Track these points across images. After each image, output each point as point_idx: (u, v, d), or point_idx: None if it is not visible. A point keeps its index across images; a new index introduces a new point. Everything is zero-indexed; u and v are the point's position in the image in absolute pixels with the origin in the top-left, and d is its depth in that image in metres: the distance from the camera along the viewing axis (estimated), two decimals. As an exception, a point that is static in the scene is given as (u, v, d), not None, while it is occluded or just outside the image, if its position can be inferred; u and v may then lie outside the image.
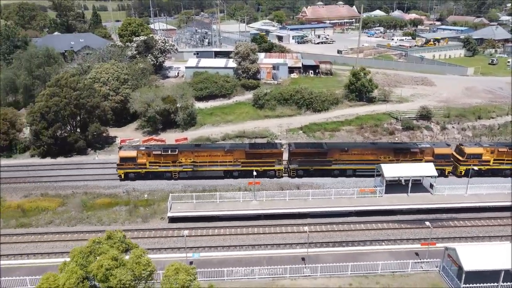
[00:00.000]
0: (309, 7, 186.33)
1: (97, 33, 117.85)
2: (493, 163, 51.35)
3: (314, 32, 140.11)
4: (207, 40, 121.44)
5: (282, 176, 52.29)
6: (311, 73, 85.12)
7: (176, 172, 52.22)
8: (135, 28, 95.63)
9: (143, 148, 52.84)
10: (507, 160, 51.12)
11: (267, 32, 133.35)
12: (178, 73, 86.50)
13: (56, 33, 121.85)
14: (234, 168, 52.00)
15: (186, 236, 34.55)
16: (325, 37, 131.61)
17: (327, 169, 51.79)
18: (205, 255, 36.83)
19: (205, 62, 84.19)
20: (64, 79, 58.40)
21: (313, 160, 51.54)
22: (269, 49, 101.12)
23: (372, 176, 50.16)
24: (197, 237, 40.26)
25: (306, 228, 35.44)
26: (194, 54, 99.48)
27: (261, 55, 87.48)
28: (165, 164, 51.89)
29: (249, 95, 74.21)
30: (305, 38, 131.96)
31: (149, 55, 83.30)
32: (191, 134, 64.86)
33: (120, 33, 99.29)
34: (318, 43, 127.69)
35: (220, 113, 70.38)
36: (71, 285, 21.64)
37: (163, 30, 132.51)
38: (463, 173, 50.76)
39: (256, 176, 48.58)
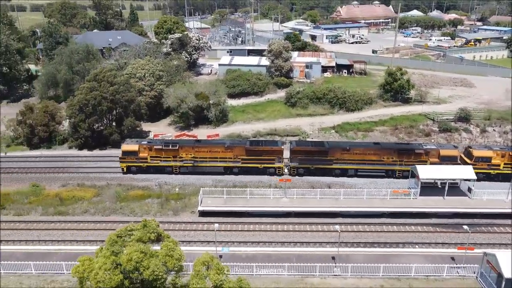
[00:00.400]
0: (343, 6, 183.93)
1: (134, 30, 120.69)
2: (504, 167, 49.14)
3: (348, 32, 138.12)
4: (240, 39, 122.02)
5: (282, 174, 51.56)
6: (345, 72, 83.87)
7: (177, 167, 52.72)
8: (170, 25, 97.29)
9: (145, 142, 53.73)
10: None
11: (301, 31, 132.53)
12: (211, 70, 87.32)
13: (95, 30, 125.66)
14: (234, 164, 51.89)
15: (216, 229, 34.75)
16: (359, 36, 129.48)
17: (328, 168, 50.93)
18: (234, 249, 36.86)
19: (238, 60, 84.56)
20: (102, 74, 60.00)
21: (314, 159, 50.82)
22: (303, 48, 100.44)
23: (375, 177, 50.08)
24: (226, 232, 40.39)
25: (337, 227, 34.85)
26: (228, 52, 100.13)
27: (294, 54, 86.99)
28: (166, 158, 52.44)
29: (281, 93, 73.93)
30: (339, 37, 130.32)
31: (183, 52, 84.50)
32: (223, 131, 65.25)
33: (156, 31, 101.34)
34: (352, 43, 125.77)
35: (252, 111, 70.46)
36: (106, 270, 22.10)
37: (197, 28, 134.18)
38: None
39: (256, 174, 50.83)
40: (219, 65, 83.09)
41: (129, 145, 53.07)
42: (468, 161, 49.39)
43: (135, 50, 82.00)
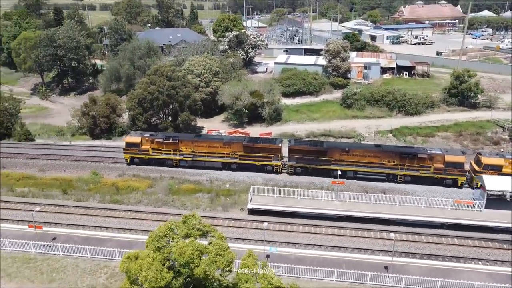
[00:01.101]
0: (407, 6, 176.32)
1: (193, 28, 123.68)
2: None
3: (411, 33, 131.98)
4: (297, 38, 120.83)
5: (280, 172, 51.15)
6: (406, 74, 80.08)
7: (177, 160, 53.32)
8: (228, 23, 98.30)
9: (148, 135, 54.46)
10: None
11: (360, 31, 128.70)
12: (266, 68, 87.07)
13: (157, 28, 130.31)
14: (232, 160, 51.99)
15: (265, 228, 34.17)
16: (423, 37, 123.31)
17: (326, 169, 49.47)
18: (282, 250, 36.12)
19: (294, 59, 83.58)
20: (161, 70, 61.59)
21: (312, 159, 49.62)
22: (362, 48, 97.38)
23: (375, 180, 48.32)
24: (275, 232, 39.72)
25: (392, 235, 32.95)
26: (284, 51, 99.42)
27: (353, 54, 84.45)
28: (166, 151, 53.31)
29: (337, 94, 72.04)
30: (400, 38, 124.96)
31: (240, 50, 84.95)
32: (276, 130, 64.70)
33: (214, 29, 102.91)
34: (414, 44, 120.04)
35: (306, 111, 69.26)
36: (156, 269, 22.08)
37: (254, 27, 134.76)
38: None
39: (254, 171, 50.97)
40: (275, 63, 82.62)
41: (132, 137, 54.22)
42: (476, 168, 46.32)
43: (194, 47, 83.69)
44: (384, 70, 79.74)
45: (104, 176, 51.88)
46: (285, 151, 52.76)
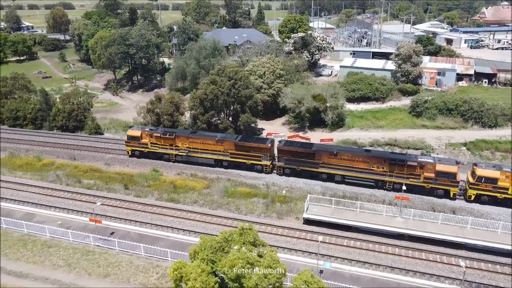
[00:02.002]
0: (490, 7, 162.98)
1: (259, 29, 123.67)
2: None
3: (493, 36, 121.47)
4: (365, 40, 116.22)
5: (270, 172, 51.73)
6: (485, 82, 73.35)
7: (173, 155, 55.21)
8: (294, 24, 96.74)
9: (147, 129, 56.67)
10: None
11: (435, 34, 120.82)
12: (331, 72, 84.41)
13: (223, 28, 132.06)
14: (224, 158, 53.12)
15: (320, 242, 32.44)
16: (507, 42, 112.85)
17: (314, 171, 49.30)
18: (337, 266, 34.19)
19: (361, 62, 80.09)
20: (225, 70, 61.69)
21: (300, 160, 49.58)
22: (436, 52, 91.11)
23: (364, 186, 47.13)
24: (330, 245, 37.75)
25: (462, 263, 29.68)
26: (351, 53, 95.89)
27: (425, 59, 79.09)
28: (163, 146, 55.26)
29: (405, 101, 67.78)
30: (480, 42, 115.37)
31: (305, 52, 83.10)
32: (338, 135, 62.23)
33: (280, 30, 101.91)
34: (497, 49, 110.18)
35: (371, 117, 65.88)
36: (202, 281, 21.51)
37: (321, 28, 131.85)
38: (472, 198, 43.75)
39: (246, 169, 51.92)
40: (341, 67, 79.72)
41: (133, 131, 56.74)
42: (471, 180, 43.97)
43: (258, 48, 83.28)
44: (460, 77, 73.65)
45: (163, 174, 52.94)
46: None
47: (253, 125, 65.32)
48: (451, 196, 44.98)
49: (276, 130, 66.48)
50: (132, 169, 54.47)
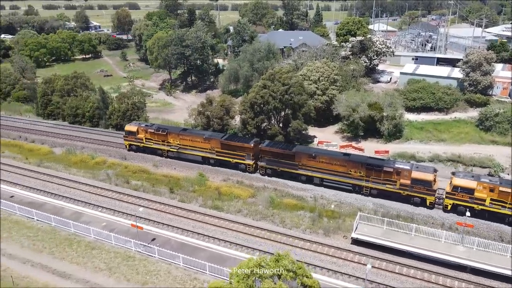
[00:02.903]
0: None
1: (316, 31, 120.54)
2: (490, 203, 40.57)
3: None
4: (430, 45, 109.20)
5: (253, 172, 52.66)
6: None
7: (165, 150, 57.25)
8: (351, 26, 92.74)
9: (143, 125, 59.17)
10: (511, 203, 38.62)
11: (509, 39, 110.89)
12: (390, 78, 79.80)
13: (280, 30, 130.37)
14: (211, 156, 54.48)
15: (369, 269, 29.64)
16: None
17: (293, 173, 49.99)
18: (386, 297, 31.15)
19: (424, 69, 74.82)
20: (278, 75, 59.91)
21: (280, 161, 50.37)
22: (510, 59, 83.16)
23: (343, 190, 47.20)
24: (380, 271, 34.70)
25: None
26: (413, 59, 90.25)
27: (498, 66, 72.28)
28: (157, 142, 57.54)
29: (473, 113, 62.21)
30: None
31: (363, 56, 79.21)
32: (394, 147, 58.24)
33: (338, 32, 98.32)
34: None
35: (433, 129, 61.04)
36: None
37: (382, 31, 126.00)
38: (449, 208, 42.48)
39: (231, 168, 53.47)
40: (401, 73, 75.03)
41: (131, 126, 59.35)
42: (447, 189, 42.78)
43: (313, 51, 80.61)
44: (538, 88, 66.47)
45: (209, 179, 52.18)
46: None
47: (304, 132, 62.99)
48: (428, 204, 43.72)
49: (328, 138, 63.64)
50: (179, 172, 54.31)
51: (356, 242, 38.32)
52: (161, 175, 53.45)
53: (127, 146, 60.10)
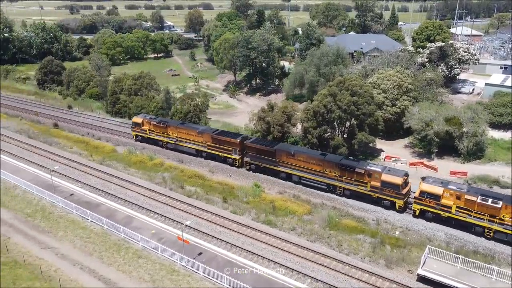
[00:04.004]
0: None
1: (390, 35, 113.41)
2: (456, 211, 39.83)
3: None
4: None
5: (240, 166, 54.93)
6: None
7: (165, 142, 61.19)
8: (431, 31, 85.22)
9: (148, 117, 63.73)
10: (477, 212, 38.53)
11: None
12: (473, 89, 71.83)
13: (351, 32, 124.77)
14: (203, 149, 57.42)
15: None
16: None
17: (274, 170, 51.66)
18: None
19: (515, 80, 66.21)
20: (347, 83, 55.91)
21: (263, 158, 52.13)
22: None
23: (319, 189, 48.23)
24: (450, 319, 29.89)
25: None
26: (501, 68, 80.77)
27: None
28: (158, 133, 61.60)
29: None
30: None
31: (442, 64, 72.07)
32: (473, 169, 51.64)
33: (414, 37, 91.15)
34: None
35: (522, 151, 53.39)
36: None
37: (465, 35, 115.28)
38: (417, 213, 42.41)
39: (220, 161, 56.32)
40: (486, 84, 67.13)
41: (137, 118, 64.30)
42: (416, 194, 42.52)
43: (386, 57, 74.98)
44: None
45: (265, 190, 49.74)
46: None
47: (370, 145, 58.34)
48: (397, 208, 43.65)
49: (396, 153, 58.33)
50: (234, 180, 52.52)
51: (423, 279, 33.63)
52: (216, 182, 52.00)
53: (134, 136, 64.86)
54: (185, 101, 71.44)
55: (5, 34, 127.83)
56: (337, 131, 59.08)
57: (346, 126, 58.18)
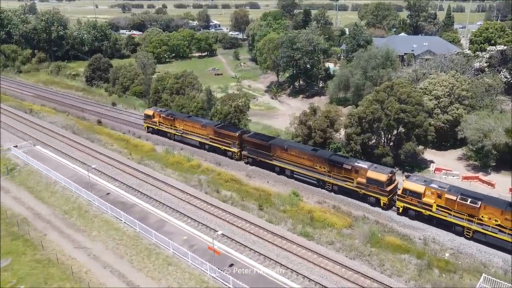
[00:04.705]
0: None
1: (444, 37, 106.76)
2: (437, 209, 39.81)
3: None
4: None
5: (239, 159, 56.69)
6: None
7: (172, 134, 64.26)
8: (491, 34, 78.82)
9: (158, 110, 67.29)
10: (456, 212, 38.62)
11: None
12: (538, 97, 65.32)
13: (402, 33, 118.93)
14: (206, 141, 59.84)
15: None
16: None
17: (269, 163, 53.04)
18: None
19: None
20: (395, 89, 52.42)
21: (259, 151, 53.59)
22: None
23: (310, 183, 49.18)
24: None
25: None
26: None
27: None
28: (166, 126, 64.74)
29: None
30: None
31: (504, 70, 66.14)
32: (537, 187, 46.50)
33: (472, 39, 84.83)
34: None
35: None
36: None
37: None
38: (400, 211, 42.46)
39: (221, 154, 58.43)
40: (554, 92, 60.75)
41: (149, 110, 68.19)
42: (399, 192, 42.56)
43: (439, 61, 70.00)
44: None
45: (303, 199, 47.43)
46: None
47: (419, 156, 54.38)
48: (381, 205, 44.14)
49: (448, 165, 53.92)
50: (271, 186, 50.55)
51: (476, 313, 30.19)
52: (252, 187, 50.27)
53: (146, 128, 68.23)
54: (225, 102, 70.32)
55: (60, 32, 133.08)
56: (383, 139, 55.56)
57: (393, 134, 54.53)
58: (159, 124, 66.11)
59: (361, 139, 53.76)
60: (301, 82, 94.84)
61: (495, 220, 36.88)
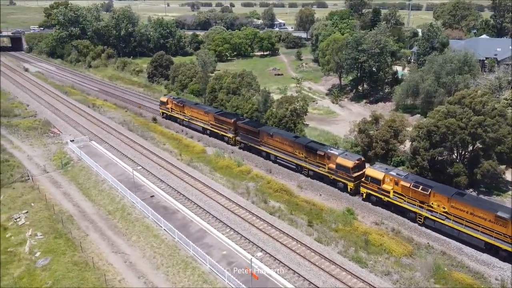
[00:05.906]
0: None
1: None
2: (393, 196, 41.94)
3: None
4: None
5: (234, 144, 60.96)
6: None
7: (181, 119, 69.83)
8: None
9: (171, 97, 73.31)
10: (410, 198, 40.66)
11: None
12: None
13: (483, 36, 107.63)
14: (207, 127, 64.58)
15: None
16: None
17: (257, 148, 56.68)
18: None
19: None
20: (469, 99, 45.88)
21: (249, 137, 57.46)
22: None
23: (292, 169, 52.30)
24: None
25: None
26: None
27: None
28: (177, 112, 70.50)
29: None
30: None
31: None
32: None
33: None
34: None
35: None
36: None
37: None
38: (364, 196, 45.03)
39: (220, 139, 63.34)
40: None
41: (164, 97, 74.52)
42: (363, 178, 44.79)
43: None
44: None
45: (358, 217, 42.76)
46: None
47: (500, 177, 47.13)
48: (348, 190, 46.12)
49: (534, 190, 46.16)
50: (323, 201, 46.32)
51: None
52: (303, 200, 46.41)
53: (161, 113, 74.52)
54: (282, 105, 66.92)
55: (129, 29, 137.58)
56: (456, 155, 48.97)
57: (468, 150, 47.80)
58: (171, 110, 71.90)
59: (429, 154, 47.70)
60: (365, 86, 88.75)
61: (443, 208, 38.30)
